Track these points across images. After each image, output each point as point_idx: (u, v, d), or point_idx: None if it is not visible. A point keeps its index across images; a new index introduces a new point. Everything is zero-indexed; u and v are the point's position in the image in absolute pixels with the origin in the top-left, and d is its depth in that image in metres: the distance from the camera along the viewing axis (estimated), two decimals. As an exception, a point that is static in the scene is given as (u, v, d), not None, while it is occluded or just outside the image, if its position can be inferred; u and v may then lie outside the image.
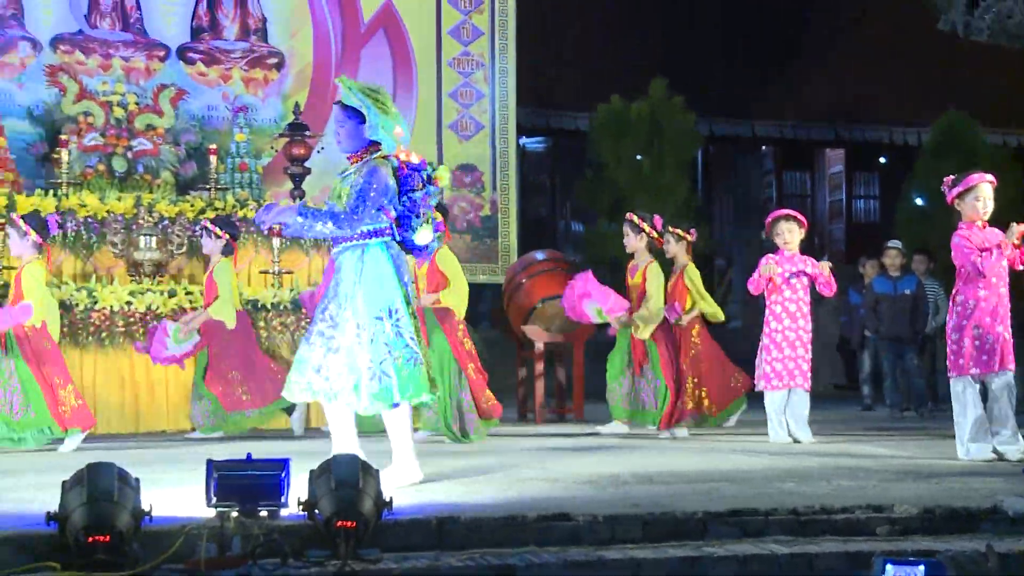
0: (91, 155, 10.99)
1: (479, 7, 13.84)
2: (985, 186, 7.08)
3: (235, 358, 8.97)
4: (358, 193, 5.66)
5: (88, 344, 9.38)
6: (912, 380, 11.69)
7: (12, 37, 12.25)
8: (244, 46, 13.09)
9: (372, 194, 5.64)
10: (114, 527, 4.08)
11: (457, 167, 13.68)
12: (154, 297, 9.39)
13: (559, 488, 5.65)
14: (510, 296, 10.85)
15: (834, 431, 9.21)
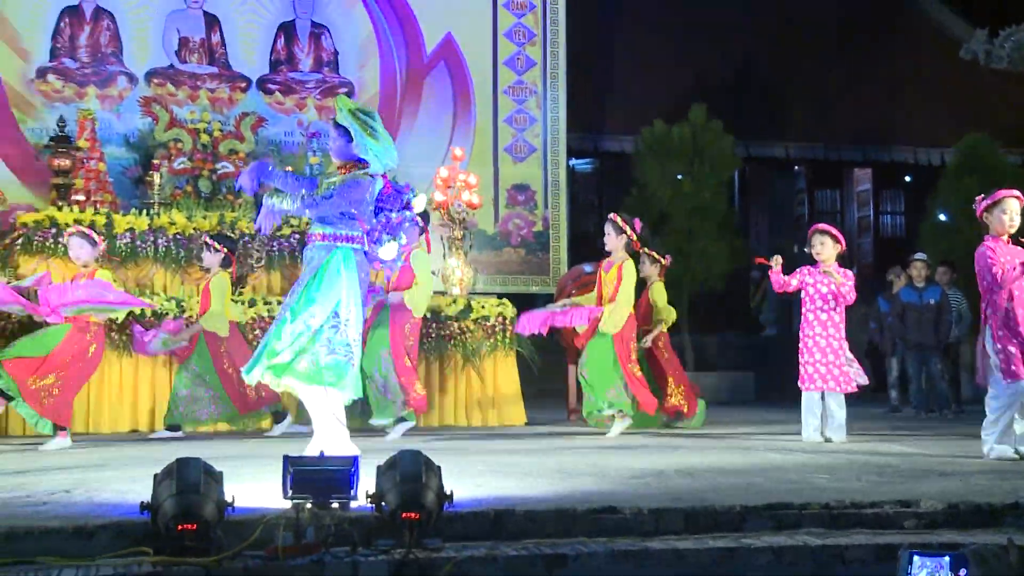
0: (180, 177, 11.15)
1: (532, 40, 13.86)
2: (1012, 201, 6.99)
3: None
4: (333, 191, 5.89)
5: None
6: (936, 384, 11.58)
7: (112, 72, 12.43)
8: (317, 77, 13.18)
9: (343, 196, 5.85)
10: (200, 516, 4.10)
11: (512, 186, 13.71)
12: (235, 308, 9.35)
13: (607, 483, 5.62)
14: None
15: (863, 431, 9.11)
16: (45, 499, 5.07)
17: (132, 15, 12.58)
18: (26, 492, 5.31)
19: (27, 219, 10.03)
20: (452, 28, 13.60)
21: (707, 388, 14.27)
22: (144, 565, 4.05)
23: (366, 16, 13.35)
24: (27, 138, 12.01)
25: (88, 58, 12.40)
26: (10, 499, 5.10)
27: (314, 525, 4.25)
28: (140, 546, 4.18)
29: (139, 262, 9.97)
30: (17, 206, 11.20)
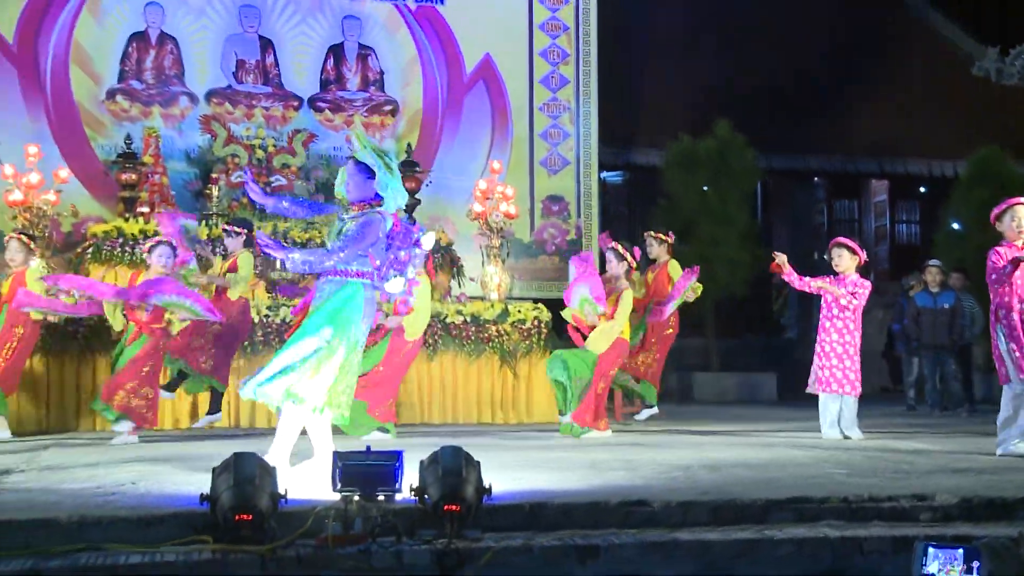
0: (236, 190, 11.22)
1: (566, 59, 13.85)
2: (1021, 208, 6.95)
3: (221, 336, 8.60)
4: (346, 239, 5.68)
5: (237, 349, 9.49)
6: (950, 384, 11.48)
7: (175, 93, 12.53)
8: (364, 96, 13.23)
9: (356, 244, 5.65)
10: (256, 508, 4.12)
11: (546, 197, 13.70)
12: (287, 311, 9.33)
13: (636, 477, 5.60)
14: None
15: (881, 429, 9.03)
16: (114, 490, 5.11)
17: (193, 39, 12.67)
18: (96, 484, 5.36)
19: (97, 230, 10.14)
20: (490, 49, 13.61)
21: (730, 388, 14.24)
22: (204, 552, 4.08)
23: (410, 38, 13.38)
24: (97, 155, 12.12)
25: (153, 80, 12.51)
26: (82, 490, 5.15)
27: (361, 516, 4.26)
28: (200, 535, 4.21)
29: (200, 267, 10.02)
30: (88, 218, 11.33)
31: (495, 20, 13.66)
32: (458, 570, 4.11)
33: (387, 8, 13.31)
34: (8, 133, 11.71)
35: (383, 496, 4.41)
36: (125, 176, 10.58)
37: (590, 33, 13.93)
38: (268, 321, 9.39)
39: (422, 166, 11.82)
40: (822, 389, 8.20)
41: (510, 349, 10.06)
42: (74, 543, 4.13)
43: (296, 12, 12.99)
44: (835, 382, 8.15)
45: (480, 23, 13.58)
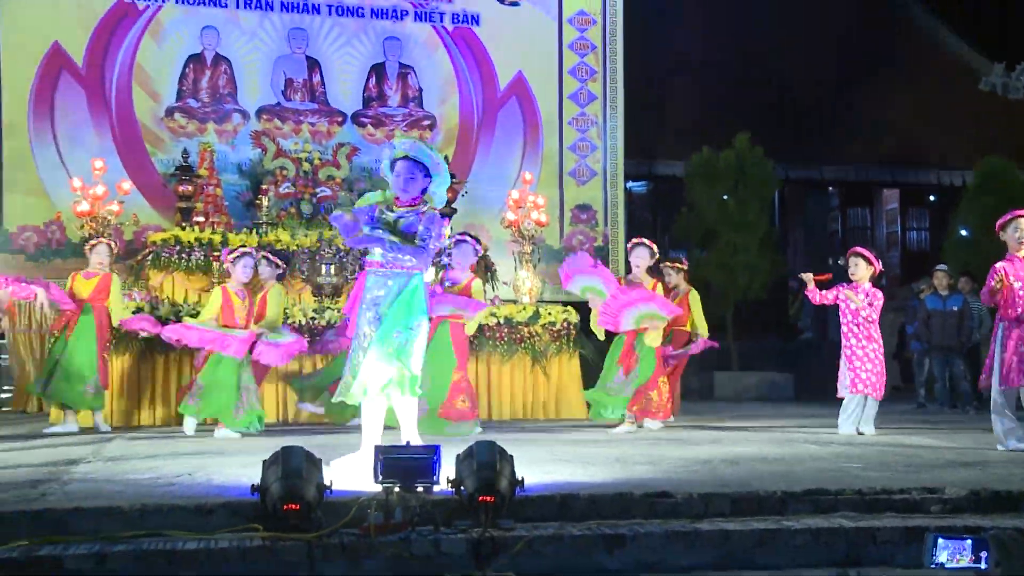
0: (285, 201, 11.28)
1: (594, 77, 13.84)
2: (1022, 220, 6.86)
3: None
4: (428, 236, 5.58)
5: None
6: (958, 383, 11.35)
7: (228, 110, 12.63)
8: (404, 111, 13.28)
9: (434, 240, 5.61)
10: (303, 498, 4.13)
11: (575, 206, 13.69)
12: (332, 314, 9.39)
13: (660, 471, 5.57)
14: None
15: (893, 425, 8.94)
16: (172, 480, 5.15)
17: (245, 60, 12.78)
18: (156, 474, 5.40)
19: (156, 238, 10.23)
20: (523, 67, 13.63)
21: (749, 387, 14.15)
22: (255, 540, 4.09)
23: (447, 58, 13.42)
24: (157, 168, 12.25)
25: (208, 98, 12.62)
26: (144, 480, 5.20)
27: (401, 507, 4.27)
28: (251, 523, 4.23)
29: (250, 275, 10.09)
30: (148, 227, 11.45)
31: (527, 40, 13.67)
32: (493, 558, 4.10)
33: (426, 29, 13.35)
34: (77, 148, 11.87)
35: (422, 488, 4.41)
36: (182, 188, 10.67)
37: (616, 52, 13.92)
38: (315, 324, 9.42)
39: (458, 177, 11.83)
40: (854, 391, 8.11)
41: (541, 350, 10.05)
42: (136, 529, 4.16)
43: (341, 34, 13.07)
44: (861, 383, 8.09)
45: (513, 43, 13.60)
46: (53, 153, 11.94)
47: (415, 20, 13.31)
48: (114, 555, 3.92)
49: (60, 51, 12.09)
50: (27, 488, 4.94)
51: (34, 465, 5.95)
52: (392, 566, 4.06)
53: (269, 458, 4.34)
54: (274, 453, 4.34)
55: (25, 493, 4.76)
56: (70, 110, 12.08)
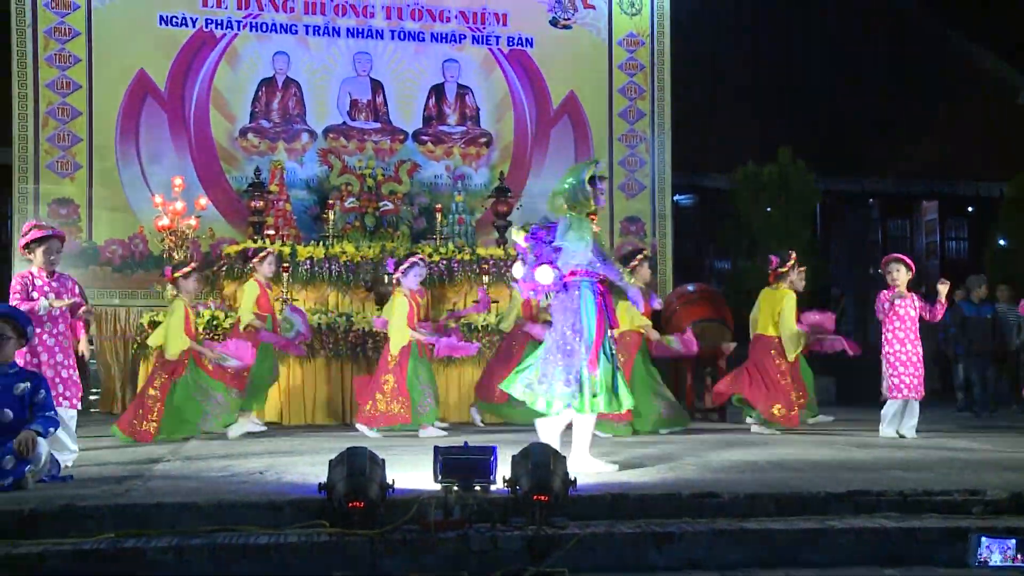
0: (349, 215, 11.37)
1: (642, 95, 13.77)
2: None
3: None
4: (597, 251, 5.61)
5: (345, 356, 9.59)
6: (992, 387, 11.15)
7: (297, 130, 12.75)
8: (462, 129, 13.32)
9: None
10: (367, 496, 4.15)
11: (624, 218, 13.62)
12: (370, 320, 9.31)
13: (708, 472, 5.52)
14: (667, 319, 10.69)
15: (933, 428, 8.76)
16: (245, 479, 5.21)
17: (314, 83, 12.90)
18: (230, 472, 5.47)
19: (230, 250, 10.35)
20: (574, 87, 13.60)
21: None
22: (321, 535, 4.12)
23: (503, 79, 13.44)
24: (231, 185, 12.40)
25: (279, 119, 12.76)
26: (219, 478, 5.26)
27: (460, 504, 4.27)
28: (318, 519, 4.26)
29: (317, 285, 10.18)
30: (222, 240, 11.60)
31: (579, 61, 13.65)
32: (547, 554, 4.09)
33: (483, 52, 13.39)
34: (158, 167, 12.07)
35: (479, 486, 4.41)
36: (254, 203, 10.78)
37: (664, 72, 13.85)
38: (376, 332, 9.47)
39: (513, 192, 11.83)
40: (898, 395, 7.97)
41: (593, 356, 9.98)
42: (212, 524, 4.22)
43: (403, 57, 13.15)
44: (905, 387, 7.95)
45: (565, 64, 13.59)
46: (137, 172, 12.15)
47: (472, 43, 13.35)
48: (191, 548, 3.98)
49: (145, 78, 12.31)
50: (113, 484, 5.03)
51: (119, 463, 6.06)
52: (451, 561, 4.06)
53: (335, 458, 4.37)
54: (340, 453, 4.37)
55: (111, 489, 4.85)
56: (153, 132, 12.30)
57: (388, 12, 13.08)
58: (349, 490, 4.14)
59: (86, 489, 4.84)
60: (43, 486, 4.99)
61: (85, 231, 11.88)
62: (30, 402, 5.15)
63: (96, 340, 11.12)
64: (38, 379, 5.29)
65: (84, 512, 4.23)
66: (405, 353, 8.17)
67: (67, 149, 11.99)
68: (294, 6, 12.81)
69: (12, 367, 5.25)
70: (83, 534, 4.07)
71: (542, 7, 13.58)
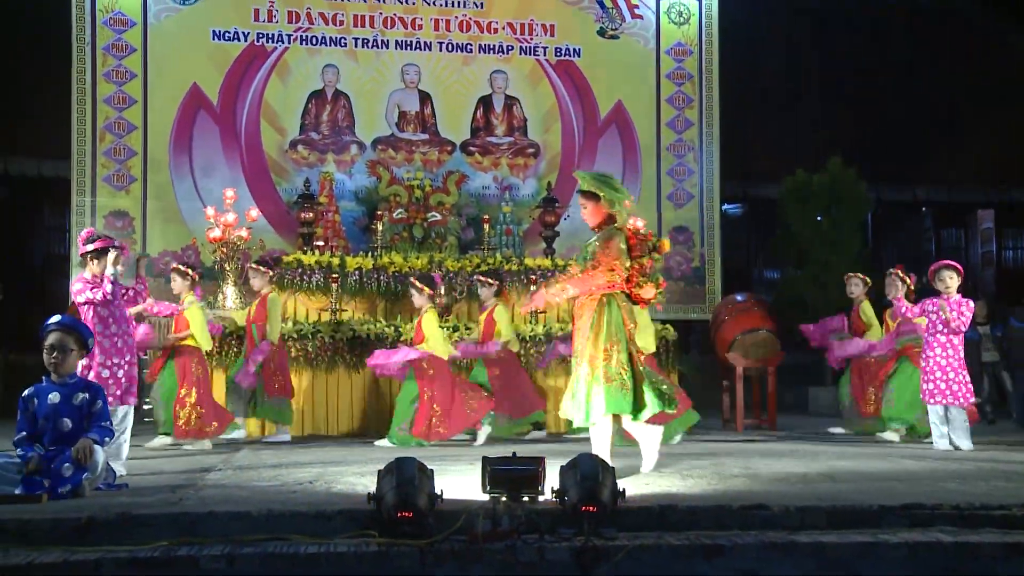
0: (398, 225, 11.44)
1: (690, 104, 13.73)
2: None
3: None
4: (596, 256, 5.71)
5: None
6: None
7: (346, 142, 12.89)
8: (509, 140, 13.37)
9: (604, 258, 5.67)
10: (416, 506, 4.16)
11: (673, 228, 13.56)
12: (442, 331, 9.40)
13: (757, 484, 5.46)
14: (716, 329, 10.62)
15: (989, 441, 8.59)
16: (294, 488, 5.25)
17: (362, 95, 13.03)
18: (280, 482, 5.52)
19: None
20: (622, 96, 13.59)
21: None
22: (371, 545, 4.14)
23: (550, 89, 13.47)
24: (281, 196, 12.57)
25: (328, 131, 12.91)
26: (269, 488, 5.31)
27: (508, 515, 4.27)
28: (367, 529, 4.28)
29: (365, 295, 10.25)
30: (272, 251, 11.70)
31: (626, 71, 13.65)
32: (595, 565, 4.07)
33: (530, 63, 13.44)
34: (211, 180, 12.29)
35: (527, 497, 4.41)
36: (304, 215, 10.88)
37: (712, 80, 13.80)
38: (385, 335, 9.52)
39: (561, 202, 11.85)
40: (933, 402, 7.86)
41: (640, 366, 9.94)
42: (262, 533, 4.25)
43: (451, 69, 13.24)
44: (940, 393, 7.82)
45: (613, 74, 13.59)
46: (190, 184, 12.38)
47: (520, 54, 13.41)
48: (243, 556, 4.02)
49: (198, 92, 12.53)
50: (167, 493, 5.11)
51: (173, 472, 6.15)
52: (499, 572, 4.05)
53: (384, 468, 4.39)
54: (389, 463, 4.39)
55: (165, 498, 4.92)
56: (205, 145, 12.52)
57: (436, 24, 13.19)
58: (398, 500, 4.16)
59: (141, 497, 4.92)
60: (99, 494, 5.09)
61: (140, 243, 12.12)
62: (88, 412, 5.26)
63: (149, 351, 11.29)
64: (95, 389, 5.40)
65: (139, 520, 4.30)
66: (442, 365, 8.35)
67: (123, 163, 12.25)
68: (343, 19, 12.96)
69: (72, 377, 5.37)
70: (138, 542, 4.13)
71: (589, 17, 13.60)
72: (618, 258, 5.67)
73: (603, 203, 5.77)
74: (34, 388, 5.30)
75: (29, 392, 5.28)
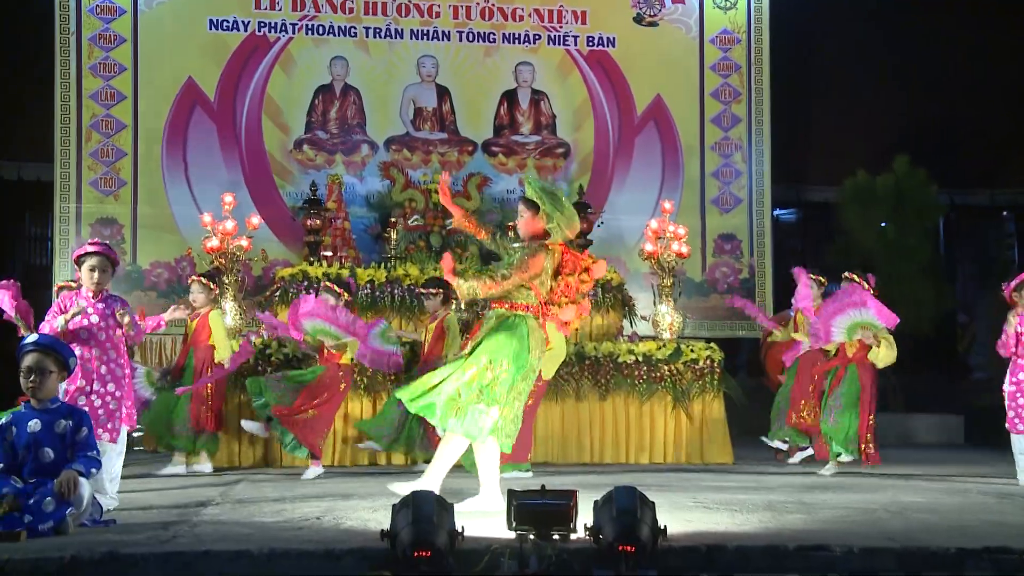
0: (413, 234, 11.48)
1: (738, 98, 13.70)
2: None
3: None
4: (514, 266, 5.84)
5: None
6: None
7: (357, 141, 12.97)
8: (536, 139, 13.39)
9: (519, 273, 5.81)
10: (434, 544, 4.16)
11: (718, 236, 13.53)
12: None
13: (816, 521, 5.41)
14: (767, 349, 10.57)
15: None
16: (300, 525, 5.26)
17: (374, 90, 13.11)
18: (284, 518, 5.53)
19: (284, 273, 10.49)
20: (661, 90, 13.59)
21: (914, 429, 13.62)
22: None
23: (582, 82, 13.48)
24: (285, 202, 12.64)
25: (337, 129, 12.99)
26: (271, 524, 5.32)
27: (536, 555, 4.25)
28: (381, 569, 4.27)
29: (378, 310, 10.26)
30: (276, 262, 11.78)
31: (666, 62, 13.65)
32: (634, 611, 4.05)
33: (559, 53, 13.46)
34: (207, 183, 12.36)
35: (558, 535, 4.39)
36: (310, 222, 10.94)
37: (763, 72, 13.76)
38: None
39: (594, 207, 11.85)
40: (1016, 431, 7.76)
41: (683, 389, 9.92)
42: (265, 574, 4.25)
43: (472, 61, 13.28)
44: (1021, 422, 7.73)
45: (651, 65, 13.59)
46: (184, 189, 12.47)
47: (548, 44, 13.44)
48: (242, 600, 4.02)
49: (193, 87, 12.65)
50: (158, 530, 5.12)
51: (164, 507, 6.17)
52: (527, 618, 4.04)
53: (399, 502, 4.39)
54: (404, 497, 4.39)
55: (156, 535, 4.93)
56: (202, 145, 12.61)
57: (455, 11, 13.25)
58: (415, 538, 4.15)
59: (130, 535, 4.94)
60: (84, 531, 5.11)
61: (129, 253, 12.23)
62: (71, 440, 5.27)
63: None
64: (80, 415, 5.41)
65: (128, 560, 4.31)
66: None
67: (111, 165, 12.37)
68: (353, 7, 13.06)
69: (54, 402, 5.38)
70: (126, 583, 4.14)
71: (625, 3, 13.62)
72: (536, 277, 5.83)
73: (540, 216, 5.92)
74: (12, 415, 5.31)
75: (6, 420, 5.27)
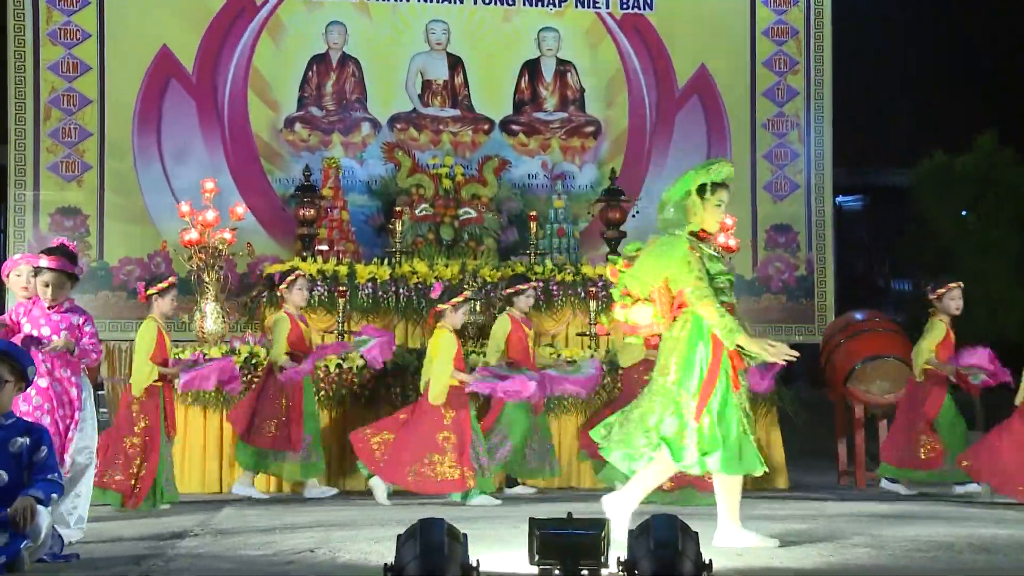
0: (422, 225, 11.46)
1: (794, 68, 13.61)
2: None
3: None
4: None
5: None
6: None
7: (356, 119, 12.95)
8: (562, 116, 13.36)
9: None
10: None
11: (771, 227, 13.44)
12: (475, 359, 9.27)
13: (886, 556, 5.38)
14: (828, 356, 10.51)
15: None
16: (291, 558, 5.25)
17: (376, 60, 13.08)
18: (273, 551, 5.52)
19: (272, 270, 10.48)
20: (706, 59, 13.51)
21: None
22: (388, 630, 4.12)
23: (614, 50, 13.43)
24: (274, 189, 12.64)
25: (333, 106, 12.98)
26: (258, 557, 5.32)
27: (563, 593, 4.24)
28: (383, 610, 4.26)
29: (380, 313, 10.26)
30: (263, 257, 11.77)
31: (711, 27, 13.58)
32: (674, 658, 4.02)
33: (589, 18, 13.42)
34: (185, 168, 12.32)
35: (587, 570, 4.37)
36: (303, 211, 10.93)
37: (823, 37, 13.65)
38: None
39: (628, 194, 11.80)
40: None
41: (731, 403, 9.87)
42: (248, 615, 4.26)
43: (489, 26, 13.24)
44: None
45: (694, 31, 13.52)
46: (159, 174, 12.48)
47: (575, 7, 13.40)
48: (224, 644, 4.02)
49: (169, 56, 12.63)
50: (128, 565, 5.13)
51: (135, 539, 6.18)
52: (551, 666, 4.03)
53: (405, 532, 4.38)
54: (410, 526, 4.37)
55: (125, 571, 4.94)
56: (178, 123, 12.60)
57: (470, -30, 13.24)
58: (423, 572, 4.14)
59: (94, 571, 4.95)
60: (42, 567, 5.11)
61: (95, 248, 12.24)
62: (28, 461, 5.25)
63: (107, 384, 11.40)
64: (39, 433, 5.39)
65: (93, 598, 4.31)
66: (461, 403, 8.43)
67: (73, 146, 12.38)
68: (352, -36, 13.06)
69: (9, 417, 5.36)
70: (91, 625, 4.15)
71: (665, -42, 13.57)
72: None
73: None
74: (-41, 433, 5.30)
75: (-46, 439, 5.28)
